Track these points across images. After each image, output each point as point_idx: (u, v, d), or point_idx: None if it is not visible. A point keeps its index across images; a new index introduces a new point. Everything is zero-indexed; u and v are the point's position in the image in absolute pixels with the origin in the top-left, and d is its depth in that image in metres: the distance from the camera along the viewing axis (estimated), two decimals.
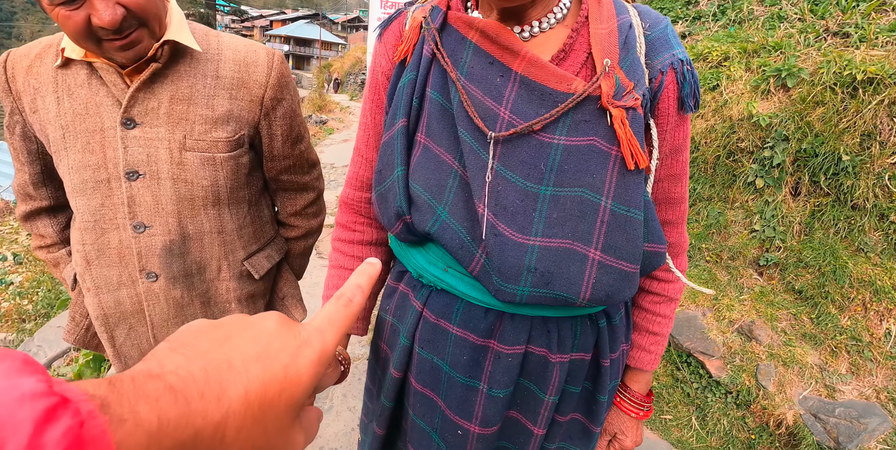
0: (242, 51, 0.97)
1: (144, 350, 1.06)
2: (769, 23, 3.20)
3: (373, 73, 0.77)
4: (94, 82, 0.89)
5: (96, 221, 0.94)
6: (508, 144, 0.63)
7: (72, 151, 0.90)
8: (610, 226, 0.62)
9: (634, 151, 0.60)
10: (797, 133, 2.24)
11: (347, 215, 0.87)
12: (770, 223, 2.26)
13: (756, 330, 2.05)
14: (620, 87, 0.60)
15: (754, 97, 2.48)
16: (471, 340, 0.70)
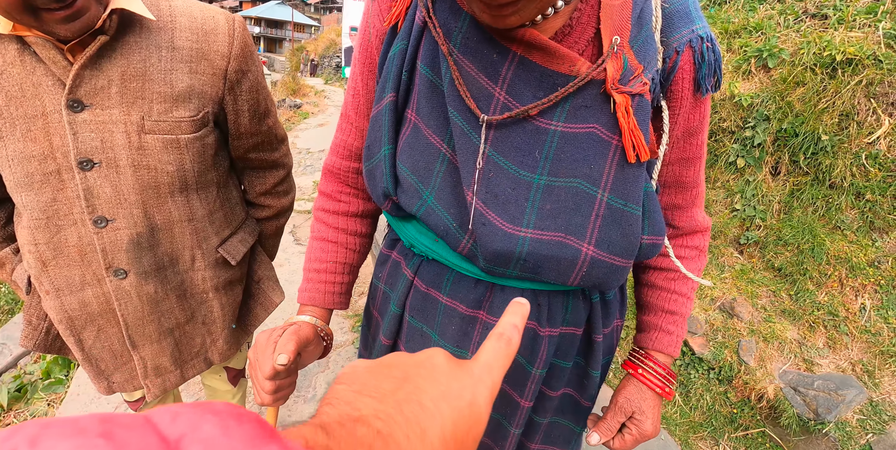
0: (199, 17, 0.86)
1: (117, 351, 0.98)
2: (749, 4, 3.20)
3: (364, 33, 0.70)
4: (28, 59, 0.76)
5: (49, 218, 0.84)
6: (502, 129, 0.59)
7: (9, 140, 0.78)
8: (605, 220, 0.59)
9: (637, 143, 0.56)
10: (778, 113, 2.26)
11: (332, 184, 0.81)
12: (750, 202, 2.29)
13: (737, 307, 2.09)
14: (628, 69, 0.55)
15: (736, 78, 2.49)
16: (460, 310, 0.68)
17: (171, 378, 1.03)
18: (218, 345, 1.09)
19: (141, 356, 0.99)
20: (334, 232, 0.81)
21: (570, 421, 0.82)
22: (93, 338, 0.95)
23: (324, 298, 0.78)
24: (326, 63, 20.53)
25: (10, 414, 2.18)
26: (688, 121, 0.64)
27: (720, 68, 0.61)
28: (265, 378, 0.61)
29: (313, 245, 0.81)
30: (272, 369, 0.60)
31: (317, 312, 0.76)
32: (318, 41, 23.88)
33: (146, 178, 0.85)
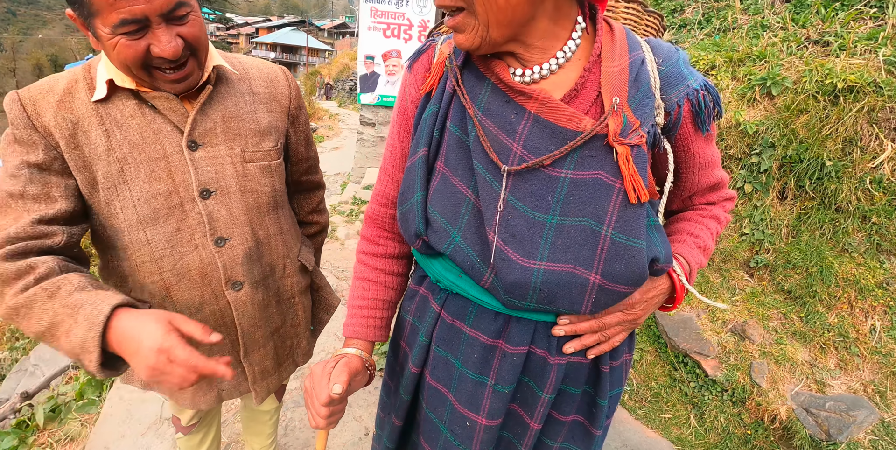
0: (263, 69, 1.06)
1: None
2: (753, 31, 3.30)
3: (402, 99, 0.83)
4: (147, 111, 0.89)
5: (173, 247, 0.95)
6: (519, 177, 0.68)
7: (134, 183, 0.90)
8: (609, 253, 0.66)
9: (637, 186, 0.65)
10: (782, 140, 2.34)
11: (372, 230, 0.93)
12: (759, 227, 2.35)
13: (749, 330, 2.13)
14: (627, 124, 0.65)
15: (741, 105, 2.58)
16: (482, 340, 0.77)
17: (273, 381, 1.18)
18: (302, 346, 1.25)
19: (250, 362, 1.12)
20: (374, 272, 0.91)
21: (579, 447, 0.88)
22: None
23: (367, 331, 0.88)
24: (340, 86, 21.07)
25: (44, 433, 2.27)
26: (701, 153, 0.75)
27: (719, 104, 0.72)
28: (321, 405, 0.71)
29: (356, 284, 0.92)
30: (328, 396, 0.71)
31: (361, 345, 0.86)
32: (332, 65, 24.52)
33: (250, 200, 1.01)
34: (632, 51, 0.69)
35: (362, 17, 5.48)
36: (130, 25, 0.75)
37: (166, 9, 0.76)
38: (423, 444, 0.89)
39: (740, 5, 3.60)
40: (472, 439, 0.80)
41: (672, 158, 0.73)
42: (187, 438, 1.41)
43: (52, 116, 0.85)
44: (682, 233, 0.83)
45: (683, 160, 0.75)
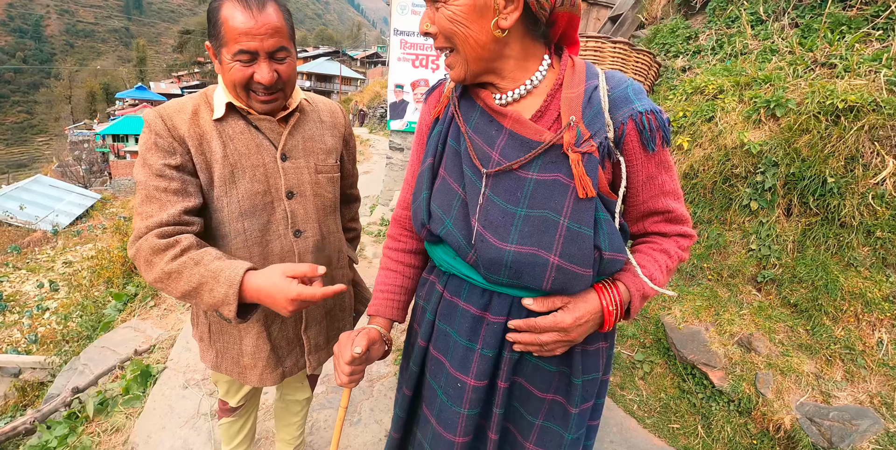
0: (326, 103, 1.39)
1: (290, 339, 1.35)
2: (762, 56, 3.41)
3: (419, 124, 1.07)
4: (251, 129, 1.18)
5: (262, 235, 1.21)
6: (496, 178, 0.87)
7: (241, 182, 1.16)
8: (566, 239, 0.81)
9: (585, 185, 0.80)
10: (786, 159, 2.43)
11: (396, 229, 1.15)
12: (765, 242, 2.42)
13: (755, 342, 2.19)
14: (580, 136, 0.81)
15: (746, 127, 2.69)
16: (472, 311, 0.94)
17: (323, 355, 1.43)
18: (346, 329, 1.50)
19: (308, 336, 1.37)
20: (395, 264, 1.13)
21: (559, 426, 0.97)
22: (277, 329, 1.32)
23: (386, 311, 1.07)
24: (371, 113, 21.87)
25: (93, 424, 2.49)
26: (646, 168, 0.89)
27: (666, 131, 0.86)
28: (345, 363, 0.90)
29: (381, 273, 1.13)
30: (351, 355, 0.89)
31: (381, 322, 1.05)
32: (364, 93, 25.48)
33: (319, 202, 1.29)
34: (588, 80, 0.87)
35: (393, 49, 5.85)
36: (245, 55, 1.04)
37: (271, 49, 1.06)
38: (425, 410, 1.05)
39: (751, 31, 3.72)
40: (462, 399, 0.95)
41: (624, 168, 0.87)
42: (230, 424, 1.60)
43: (186, 129, 1.11)
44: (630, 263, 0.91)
45: (631, 174, 0.89)
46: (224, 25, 1.03)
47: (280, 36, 1.07)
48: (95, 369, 3.75)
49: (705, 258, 2.59)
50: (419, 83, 5.85)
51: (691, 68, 3.96)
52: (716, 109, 2.89)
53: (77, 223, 18.73)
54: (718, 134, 2.74)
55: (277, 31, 1.06)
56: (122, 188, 25.97)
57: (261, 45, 1.04)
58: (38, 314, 8.68)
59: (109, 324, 4.99)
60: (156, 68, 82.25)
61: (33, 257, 12.41)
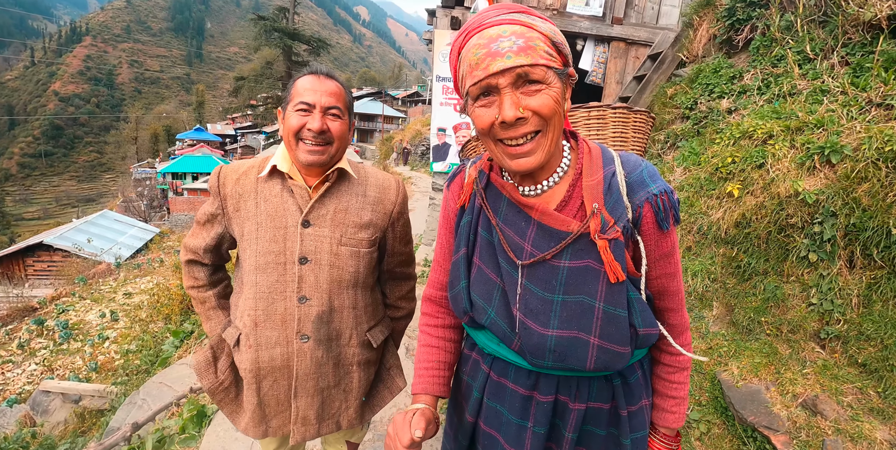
0: (381, 178, 1.41)
1: (281, 400, 1.35)
2: (812, 97, 3.31)
3: (445, 209, 1.12)
4: (285, 194, 1.30)
5: (270, 293, 1.28)
6: (531, 268, 0.92)
7: (261, 240, 1.27)
8: (603, 321, 0.87)
9: (615, 271, 0.85)
10: (845, 208, 2.34)
11: (431, 307, 1.19)
12: (827, 296, 2.31)
13: (821, 404, 2.06)
14: (605, 223, 0.86)
15: (800, 174, 2.62)
16: (521, 392, 0.98)
17: (310, 430, 1.38)
18: (349, 413, 1.43)
19: (297, 405, 1.35)
20: (435, 340, 1.17)
21: None
22: (268, 387, 1.34)
23: (433, 388, 1.10)
24: (413, 151, 22.48)
25: None
26: (660, 248, 0.92)
27: (677, 211, 0.90)
28: (404, 447, 0.91)
29: (421, 350, 1.17)
30: (410, 439, 0.91)
31: (428, 400, 1.08)
32: (406, 131, 26.29)
33: (335, 274, 1.31)
34: (605, 166, 0.92)
35: (435, 94, 6.10)
36: (303, 105, 1.22)
37: (326, 105, 1.23)
38: None
39: (798, 71, 3.66)
40: None
41: (643, 247, 0.91)
42: None
43: (231, 187, 1.31)
44: (663, 397, 1.04)
45: (647, 252, 0.92)
46: (294, 87, 1.26)
47: (337, 98, 1.25)
48: (153, 404, 3.93)
49: (763, 312, 2.49)
50: (461, 126, 6.03)
51: (737, 110, 3.91)
52: (766, 156, 2.84)
53: (137, 256, 19.88)
54: (771, 181, 2.68)
55: (335, 94, 1.25)
56: (178, 223, 27.49)
57: (318, 99, 1.22)
58: (98, 343, 9.17)
59: (167, 360, 5.23)
60: (212, 111, 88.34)
61: (97, 288, 13.20)
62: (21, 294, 13.96)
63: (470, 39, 0.84)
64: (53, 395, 6.89)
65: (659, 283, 0.96)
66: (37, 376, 8.64)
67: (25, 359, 9.36)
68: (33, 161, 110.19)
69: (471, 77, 0.81)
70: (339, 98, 1.26)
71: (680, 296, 0.99)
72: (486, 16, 0.84)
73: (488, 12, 0.84)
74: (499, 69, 0.78)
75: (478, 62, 0.80)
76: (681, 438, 1.09)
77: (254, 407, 1.35)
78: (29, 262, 19.86)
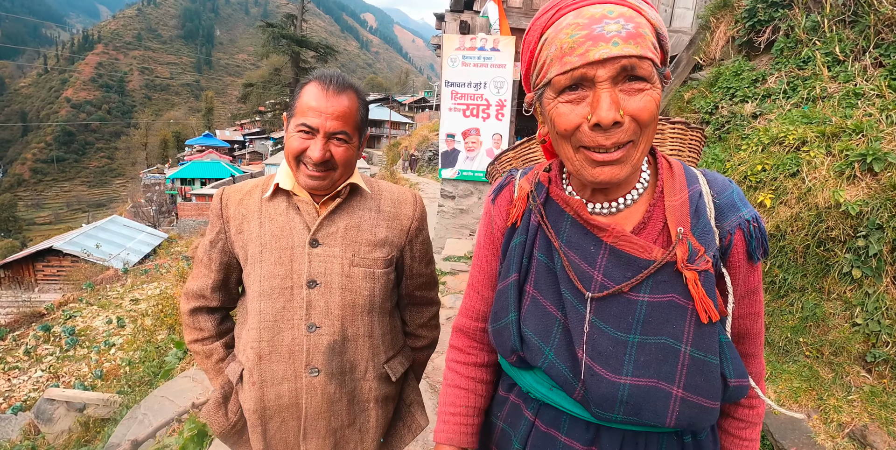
0: (396, 193, 1.26)
1: (290, 444, 1.18)
2: (846, 101, 3.14)
3: (488, 227, 0.94)
4: (291, 211, 1.16)
5: (275, 321, 1.13)
6: (602, 302, 0.76)
7: (265, 263, 1.14)
8: (690, 368, 0.72)
9: (707, 308, 0.70)
10: (892, 221, 2.17)
11: (463, 340, 1.01)
12: (874, 316, 2.13)
13: (870, 435, 1.87)
14: (693, 251, 0.71)
15: (840, 183, 2.45)
16: (577, 447, 0.81)
17: None
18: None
19: (307, 448, 1.19)
20: (465, 380, 0.99)
21: None
22: (275, 428, 1.18)
23: (460, 438, 0.94)
24: (420, 155, 22.39)
25: None
26: (747, 283, 0.78)
27: (766, 240, 0.76)
28: None
29: (448, 391, 0.99)
30: None
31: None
32: (413, 137, 26.27)
33: (348, 298, 1.15)
34: (690, 184, 0.77)
35: (443, 100, 5.97)
36: (305, 127, 1.07)
37: (332, 131, 1.07)
38: None
39: (828, 73, 3.49)
40: None
41: (729, 282, 0.75)
42: None
43: (234, 209, 1.19)
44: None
45: (734, 287, 0.77)
46: (299, 99, 1.09)
47: (344, 121, 1.09)
48: (154, 419, 3.80)
49: (801, 331, 2.31)
50: (470, 132, 5.90)
51: (762, 114, 3.74)
52: (800, 163, 2.67)
53: (145, 261, 19.92)
54: (807, 191, 2.51)
55: (343, 116, 1.08)
56: (186, 228, 27.58)
57: (322, 123, 1.06)
58: (104, 350, 9.10)
59: (169, 372, 5.10)
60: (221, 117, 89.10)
61: (104, 294, 13.19)
62: (30, 299, 13.99)
63: (562, 18, 0.68)
64: (58, 403, 6.81)
65: (741, 324, 0.80)
66: (42, 382, 8.58)
67: (31, 365, 9.31)
68: (45, 166, 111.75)
69: (560, 63, 0.66)
70: (348, 120, 1.10)
71: (761, 340, 0.83)
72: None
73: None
74: (602, 57, 0.63)
75: (573, 46, 0.64)
76: None
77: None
78: (39, 266, 19.96)
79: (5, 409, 7.81)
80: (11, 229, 63.63)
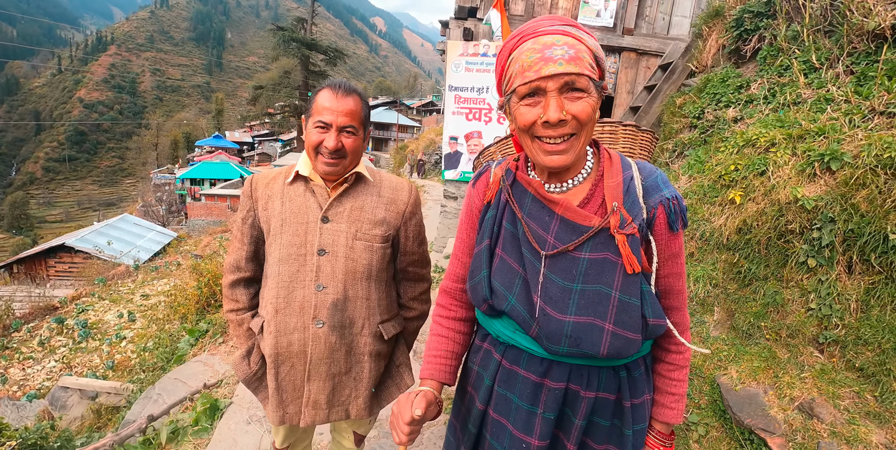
0: (394, 181, 1.53)
1: (297, 386, 1.44)
2: (816, 106, 3.34)
3: (468, 206, 1.19)
4: (307, 194, 1.44)
5: (291, 282, 1.40)
6: (553, 259, 0.99)
7: (285, 234, 1.41)
8: (618, 309, 0.94)
9: (632, 262, 0.94)
10: (843, 214, 2.38)
11: (446, 299, 1.26)
12: (826, 301, 2.34)
13: (817, 408, 2.08)
14: (623, 220, 0.95)
15: (800, 181, 2.66)
16: (532, 379, 1.04)
17: (320, 414, 1.47)
18: (358, 402, 1.50)
19: (309, 389, 1.44)
20: (446, 331, 1.24)
21: None
22: (286, 372, 1.44)
23: (439, 375, 1.17)
24: (426, 159, 22.63)
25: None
26: (669, 248, 1.01)
27: (685, 215, 0.99)
28: (405, 424, 0.99)
29: (432, 339, 1.24)
30: (411, 417, 0.98)
31: (433, 385, 1.15)
32: (420, 140, 26.51)
33: (350, 265, 1.42)
34: (624, 169, 1.01)
35: (447, 103, 6.22)
36: (321, 123, 1.34)
37: (342, 125, 1.35)
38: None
39: (804, 80, 3.69)
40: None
41: (654, 245, 0.99)
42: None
43: (262, 191, 1.47)
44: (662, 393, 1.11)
45: (658, 252, 1.00)
46: (315, 102, 1.37)
47: (352, 118, 1.36)
48: (168, 398, 4.05)
49: (762, 316, 2.52)
50: (473, 135, 6.14)
51: (743, 119, 3.95)
52: (768, 163, 2.89)
53: (154, 259, 20.27)
54: (772, 188, 2.72)
55: (351, 113, 1.36)
56: (195, 228, 27.97)
57: (335, 119, 1.33)
58: (115, 342, 9.40)
59: (182, 357, 5.36)
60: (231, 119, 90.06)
61: (116, 289, 13.49)
62: (43, 294, 14.34)
63: (524, 43, 0.92)
64: (71, 391, 7.08)
65: (666, 281, 1.03)
66: (56, 372, 8.87)
67: (45, 356, 9.61)
68: (57, 165, 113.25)
69: (521, 77, 0.89)
70: (355, 116, 1.37)
71: (683, 296, 1.06)
72: (541, 24, 0.92)
73: (542, 21, 0.93)
74: (550, 73, 0.86)
75: (531, 65, 0.88)
76: (675, 436, 1.15)
77: (273, 392, 1.44)
78: (51, 263, 20.39)
79: (20, 396, 8.10)
80: (23, 227, 64.51)
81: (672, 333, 1.05)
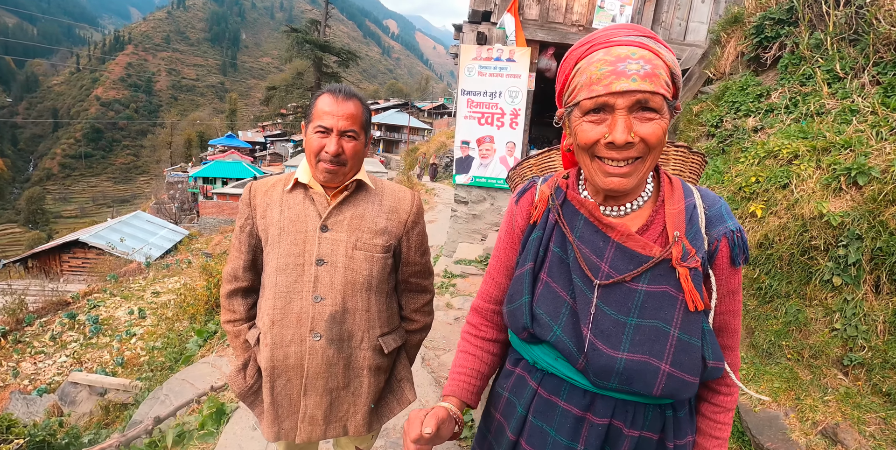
0: (397, 190, 1.48)
1: (293, 400, 1.39)
2: (841, 117, 3.24)
3: (509, 224, 1.10)
4: (306, 202, 1.39)
5: (288, 292, 1.35)
6: (607, 289, 0.91)
7: (283, 243, 1.36)
8: (677, 348, 0.86)
9: (694, 299, 0.86)
10: (871, 232, 2.30)
11: (477, 319, 1.18)
12: (851, 321, 2.26)
13: (841, 433, 2.00)
14: (686, 252, 0.87)
15: (825, 196, 2.58)
16: (574, 412, 0.95)
17: (317, 431, 1.41)
18: (357, 418, 1.44)
19: (306, 403, 1.39)
20: (475, 349, 1.15)
21: None
22: (282, 386, 1.38)
23: (461, 393, 1.09)
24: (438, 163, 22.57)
25: None
26: (729, 283, 0.94)
27: (747, 249, 0.92)
28: (411, 441, 0.91)
29: (459, 356, 1.16)
30: (417, 435, 0.90)
31: (454, 402, 1.06)
32: (431, 143, 26.54)
33: (349, 276, 1.36)
34: (686, 197, 0.94)
35: (459, 108, 6.18)
36: (322, 128, 1.30)
37: (343, 129, 1.31)
38: None
39: (828, 90, 3.59)
40: None
41: (714, 281, 0.91)
42: None
43: (260, 199, 1.42)
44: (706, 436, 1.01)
45: (718, 287, 0.93)
46: (315, 107, 1.33)
47: (352, 122, 1.32)
48: (175, 400, 4.05)
49: (784, 335, 2.44)
50: (484, 140, 6.10)
51: (763, 129, 3.86)
52: (791, 176, 2.81)
53: (166, 256, 20.46)
54: (795, 202, 2.64)
55: (352, 117, 1.32)
56: (207, 226, 28.22)
57: (335, 123, 1.30)
58: (126, 339, 9.47)
59: (190, 358, 5.37)
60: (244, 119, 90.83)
61: (127, 286, 13.62)
62: (56, 288, 14.53)
63: (594, 52, 0.83)
64: (81, 387, 7.13)
65: (722, 319, 0.96)
66: (66, 367, 8.95)
67: (56, 351, 9.72)
68: (73, 162, 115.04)
69: (588, 90, 0.81)
70: (356, 120, 1.33)
71: (738, 335, 0.99)
72: (615, 33, 0.83)
73: (617, 30, 0.84)
74: (621, 90, 0.78)
75: (600, 78, 0.80)
76: None
77: (268, 406, 1.39)
78: (65, 258, 20.67)
79: (31, 390, 8.19)
80: (39, 221, 65.60)
81: (726, 374, 0.96)
